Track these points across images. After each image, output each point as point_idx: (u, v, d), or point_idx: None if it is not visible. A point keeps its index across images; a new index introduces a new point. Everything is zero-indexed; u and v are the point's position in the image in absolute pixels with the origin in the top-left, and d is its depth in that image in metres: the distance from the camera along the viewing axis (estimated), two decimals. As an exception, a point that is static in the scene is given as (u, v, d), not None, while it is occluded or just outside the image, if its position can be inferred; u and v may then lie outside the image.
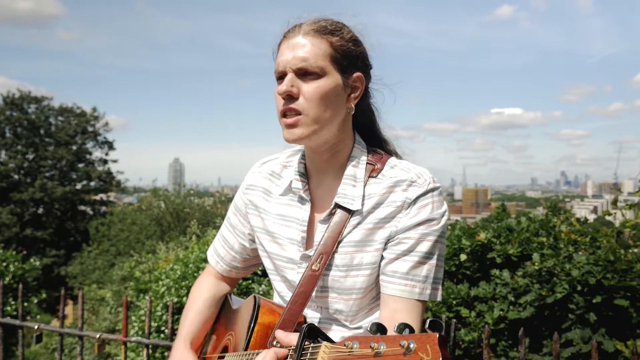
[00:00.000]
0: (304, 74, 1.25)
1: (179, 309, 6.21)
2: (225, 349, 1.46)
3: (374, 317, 1.36)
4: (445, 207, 1.30)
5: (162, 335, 6.30)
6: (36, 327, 2.62)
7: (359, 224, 1.29)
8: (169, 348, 2.47)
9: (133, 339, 2.41)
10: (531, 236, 4.03)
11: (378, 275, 1.30)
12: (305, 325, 1.01)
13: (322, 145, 1.31)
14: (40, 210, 32.75)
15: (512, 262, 3.93)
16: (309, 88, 1.24)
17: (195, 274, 6.59)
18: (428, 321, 0.85)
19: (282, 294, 1.42)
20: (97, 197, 35.52)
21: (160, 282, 7.02)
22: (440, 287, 1.30)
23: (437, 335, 0.76)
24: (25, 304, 10.10)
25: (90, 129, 34.48)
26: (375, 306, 1.36)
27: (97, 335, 2.49)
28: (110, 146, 35.50)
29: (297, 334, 1.03)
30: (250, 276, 6.23)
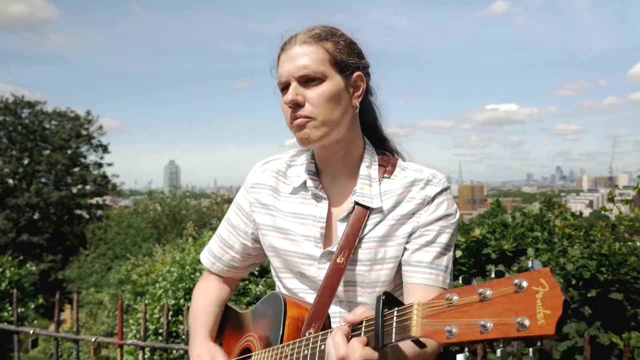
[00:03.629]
0: (306, 81, 1.31)
1: (175, 311, 6.20)
2: (245, 351, 1.47)
3: None
4: (455, 204, 1.42)
5: (159, 338, 6.30)
6: (32, 331, 2.62)
7: (380, 221, 1.36)
8: (165, 350, 2.47)
9: (129, 341, 2.41)
10: (526, 231, 4.04)
11: (399, 268, 1.38)
12: (382, 293, 1.00)
13: (334, 145, 1.37)
14: (36, 216, 32.68)
15: (507, 257, 3.94)
16: (313, 93, 1.31)
17: (192, 276, 6.58)
18: (461, 277, 0.87)
19: (295, 290, 1.45)
20: (93, 201, 35.46)
21: (157, 285, 7.00)
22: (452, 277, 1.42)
23: (549, 268, 0.75)
24: (23, 309, 10.09)
25: (84, 132, 34.40)
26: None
27: (93, 339, 2.49)
28: (105, 149, 35.45)
29: (365, 309, 1.07)
30: (247, 277, 6.22)
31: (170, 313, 6.07)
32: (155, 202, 23.16)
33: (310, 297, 1.41)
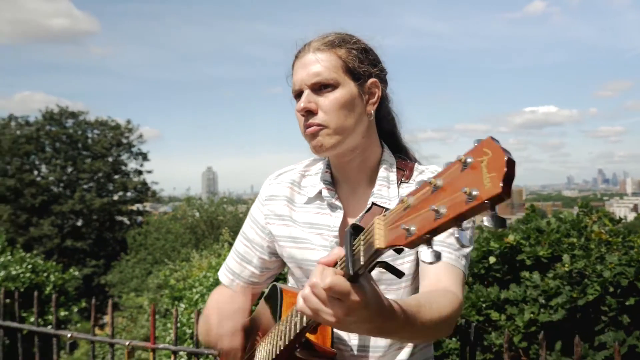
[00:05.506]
0: (319, 88, 1.30)
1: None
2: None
3: None
4: None
5: (196, 342, 6.39)
6: (69, 335, 2.70)
7: None
8: (196, 354, 2.52)
9: (161, 345, 2.47)
10: (562, 237, 3.95)
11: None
12: (350, 226, 0.95)
13: (349, 153, 1.36)
14: (80, 222, 33.60)
15: (542, 263, 3.86)
16: (325, 101, 1.29)
17: (228, 281, 6.65)
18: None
19: None
20: (134, 208, 36.27)
21: (194, 290, 7.12)
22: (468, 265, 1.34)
23: (490, 137, 0.70)
24: (67, 312, 10.37)
25: (124, 141, 35.28)
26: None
27: (127, 343, 2.56)
28: (145, 157, 36.26)
29: (339, 249, 0.99)
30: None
31: (206, 318, 6.16)
32: (193, 208, 23.56)
33: None
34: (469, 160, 0.72)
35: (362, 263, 0.88)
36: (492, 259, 4.12)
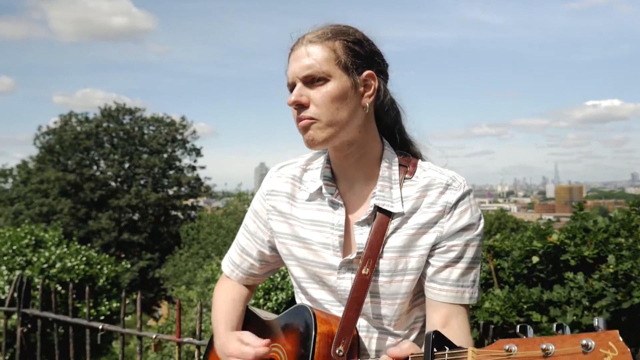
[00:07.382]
0: (311, 81, 1.27)
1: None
2: None
3: (412, 321, 1.38)
4: (479, 210, 1.32)
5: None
6: (100, 327, 2.77)
7: (398, 227, 1.30)
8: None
9: (185, 339, 2.49)
10: (610, 236, 3.77)
11: (419, 279, 1.32)
12: (432, 332, 0.97)
13: (345, 148, 1.32)
14: (136, 216, 34.70)
15: (587, 264, 3.70)
16: (317, 94, 1.26)
17: (272, 276, 6.71)
18: (518, 326, 0.84)
19: (320, 301, 1.40)
20: (188, 202, 37.14)
21: (238, 284, 7.21)
22: (480, 288, 1.34)
23: (617, 331, 0.73)
24: (118, 304, 10.74)
25: (179, 137, 36.16)
26: (413, 307, 1.37)
27: (154, 336, 2.61)
28: (198, 153, 37.05)
29: (410, 344, 1.04)
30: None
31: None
32: (245, 204, 23.90)
33: (334, 308, 1.37)
34: (591, 344, 0.73)
35: None
36: (535, 259, 3.98)
